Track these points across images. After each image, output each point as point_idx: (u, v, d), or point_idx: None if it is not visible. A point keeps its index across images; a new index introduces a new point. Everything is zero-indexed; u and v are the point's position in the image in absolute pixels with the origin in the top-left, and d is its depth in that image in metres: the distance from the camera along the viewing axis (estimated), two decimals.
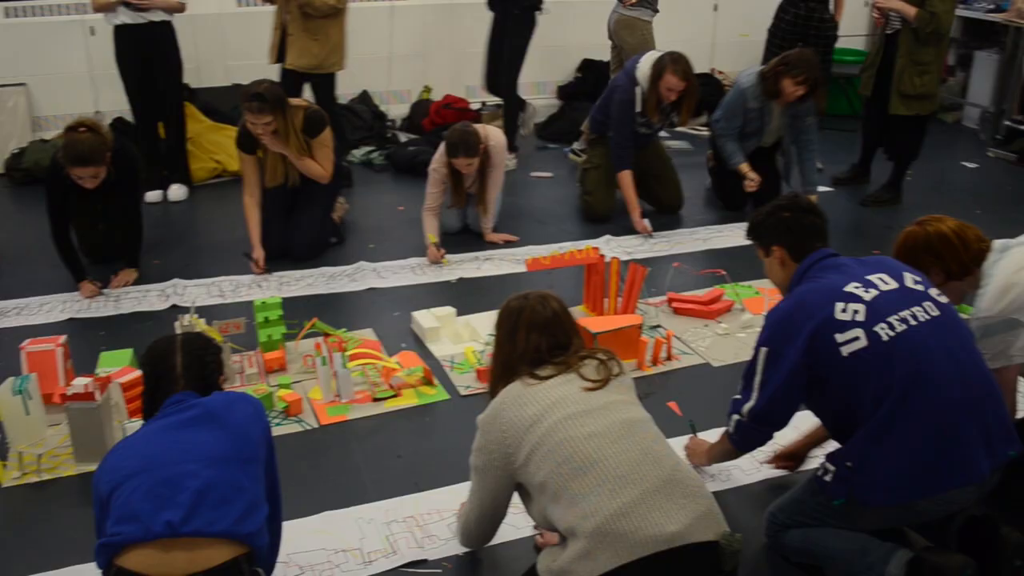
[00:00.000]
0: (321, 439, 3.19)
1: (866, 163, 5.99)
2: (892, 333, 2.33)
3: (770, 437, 2.61)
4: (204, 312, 3.91)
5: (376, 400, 3.39)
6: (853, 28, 7.92)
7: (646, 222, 5.00)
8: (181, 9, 5.23)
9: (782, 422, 2.54)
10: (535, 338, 2.31)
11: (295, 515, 2.72)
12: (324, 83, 5.51)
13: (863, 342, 2.32)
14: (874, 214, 5.47)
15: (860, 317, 2.35)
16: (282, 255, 4.58)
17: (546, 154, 6.64)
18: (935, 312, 2.40)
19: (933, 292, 2.47)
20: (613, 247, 4.85)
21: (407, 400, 3.40)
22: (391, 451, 3.12)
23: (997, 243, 2.79)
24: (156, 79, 5.27)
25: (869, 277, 2.44)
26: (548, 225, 5.21)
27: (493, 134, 4.78)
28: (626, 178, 5.03)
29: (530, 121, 6.55)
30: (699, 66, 7.44)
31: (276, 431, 3.15)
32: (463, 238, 4.95)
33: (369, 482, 2.95)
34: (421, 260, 4.65)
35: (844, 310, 2.36)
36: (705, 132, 6.01)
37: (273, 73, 5.26)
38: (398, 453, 3.11)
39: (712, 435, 2.88)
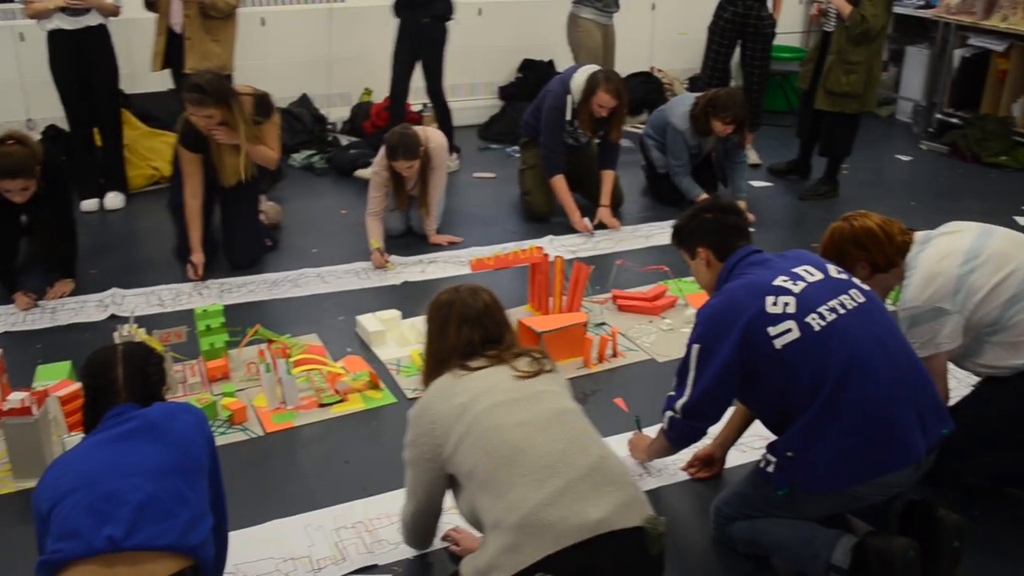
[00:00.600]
0: (267, 447, 3.16)
1: (806, 157, 6.10)
2: (823, 323, 2.37)
3: (704, 433, 2.65)
4: (144, 322, 3.84)
5: (322, 406, 3.37)
6: (790, 25, 8.05)
7: (586, 221, 5.03)
8: (116, 12, 5.14)
9: (714, 417, 2.59)
10: (467, 331, 2.31)
11: (242, 524, 2.70)
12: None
13: (796, 334, 2.36)
14: (812, 207, 5.56)
15: (791, 309, 2.39)
16: (214, 262, 4.49)
17: (488, 155, 6.64)
18: (860, 299, 2.45)
19: (856, 280, 2.53)
20: (556, 246, 4.87)
21: (353, 405, 3.38)
22: (338, 457, 3.10)
23: (919, 235, 2.86)
24: (91, 85, 5.16)
25: (795, 270, 2.48)
26: (492, 226, 5.21)
27: (433, 136, 4.77)
28: (559, 183, 5.07)
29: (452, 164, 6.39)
30: (638, 65, 7.58)
31: (221, 440, 3.12)
32: (407, 240, 4.94)
33: (317, 489, 2.93)
34: (365, 264, 4.62)
35: (775, 303, 2.40)
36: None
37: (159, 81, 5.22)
38: (346, 458, 3.09)
39: (657, 430, 2.90)
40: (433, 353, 2.37)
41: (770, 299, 2.41)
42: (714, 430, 3.09)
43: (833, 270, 2.52)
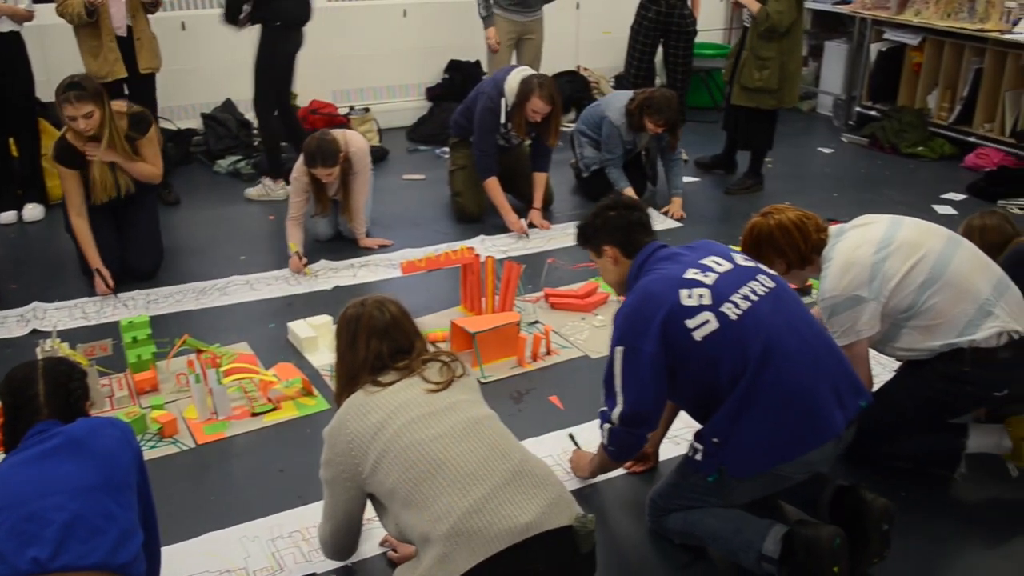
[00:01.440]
0: (199, 459, 3.11)
1: (731, 152, 6.20)
2: (739, 311, 2.41)
3: (645, 440, 2.63)
4: (67, 336, 3.76)
5: (255, 415, 3.32)
6: (712, 22, 8.18)
7: (522, 222, 5.04)
8: (29, 18, 5.00)
9: (655, 418, 2.57)
10: (375, 344, 2.30)
11: (177, 539, 2.66)
12: (152, 82, 5.36)
13: (714, 324, 2.40)
14: (738, 201, 5.65)
15: (706, 301, 2.42)
16: (121, 274, 4.36)
17: (417, 156, 6.62)
18: (770, 284, 2.51)
19: (762, 266, 2.59)
20: (488, 246, 4.87)
21: (287, 413, 3.34)
22: (273, 465, 3.06)
23: (833, 229, 2.94)
24: (6, 93, 5.02)
25: (703, 261, 2.52)
26: (422, 227, 5.20)
27: (354, 140, 4.71)
28: (493, 185, 5.08)
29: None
30: (564, 64, 7.62)
31: (151, 454, 3.07)
32: (337, 245, 4.90)
33: (252, 499, 2.89)
34: (314, 266, 4.58)
35: (690, 296, 2.43)
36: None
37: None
38: (280, 467, 3.05)
39: (594, 426, 2.91)
40: (344, 369, 2.35)
41: (684, 292, 2.44)
42: None
43: (740, 258, 2.58)
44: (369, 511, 2.36)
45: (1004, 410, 3.07)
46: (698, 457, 2.49)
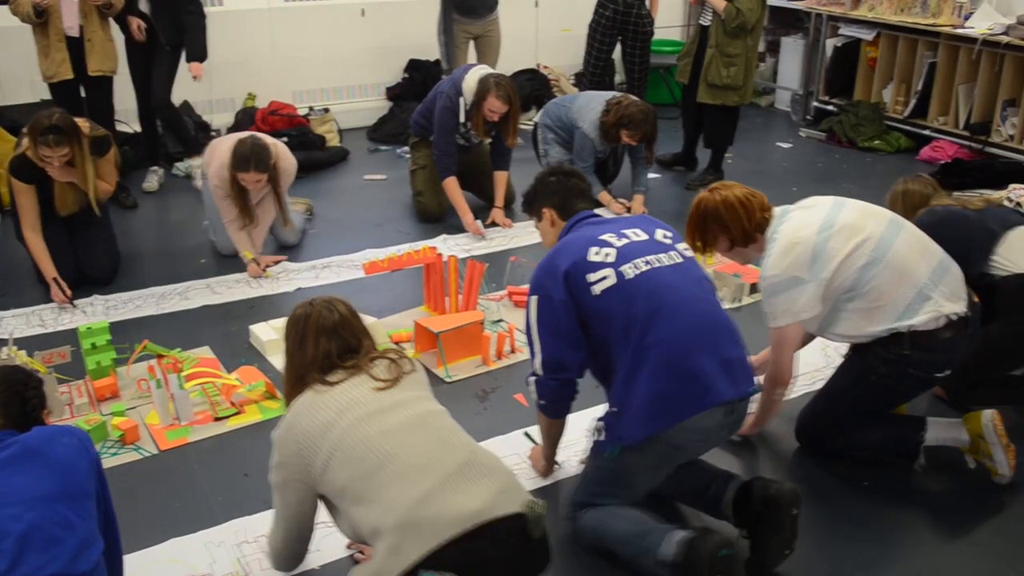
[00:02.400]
0: (162, 465, 3.08)
1: (691, 149, 6.24)
2: (636, 272, 2.51)
3: (570, 386, 2.65)
4: (25, 343, 3.71)
5: (218, 419, 3.30)
6: (669, 20, 8.22)
7: (478, 223, 5.03)
8: None
9: (574, 364, 2.60)
10: (324, 343, 2.30)
11: (140, 546, 2.63)
12: (109, 85, 5.31)
13: (611, 280, 2.50)
14: None
15: (610, 259, 2.53)
16: (79, 281, 4.30)
17: (378, 156, 6.60)
18: (678, 260, 2.60)
19: (680, 246, 2.67)
20: (451, 245, 4.87)
21: (250, 416, 3.32)
22: (238, 470, 3.04)
23: (777, 210, 2.99)
24: None
25: (623, 230, 2.64)
26: (384, 227, 5.18)
27: (284, 154, 4.50)
28: (452, 184, 5.06)
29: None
30: (524, 62, 7.63)
31: (113, 461, 3.04)
32: (299, 247, 4.87)
33: (216, 504, 2.86)
34: (268, 271, 4.54)
35: (597, 253, 2.55)
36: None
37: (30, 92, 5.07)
38: (245, 471, 3.03)
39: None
40: (293, 369, 2.34)
41: (593, 249, 2.56)
42: None
43: (660, 234, 2.67)
44: (324, 515, 2.35)
45: (963, 398, 3.13)
46: (600, 436, 2.53)
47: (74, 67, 5.02)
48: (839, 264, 2.78)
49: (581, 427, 2.89)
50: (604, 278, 2.50)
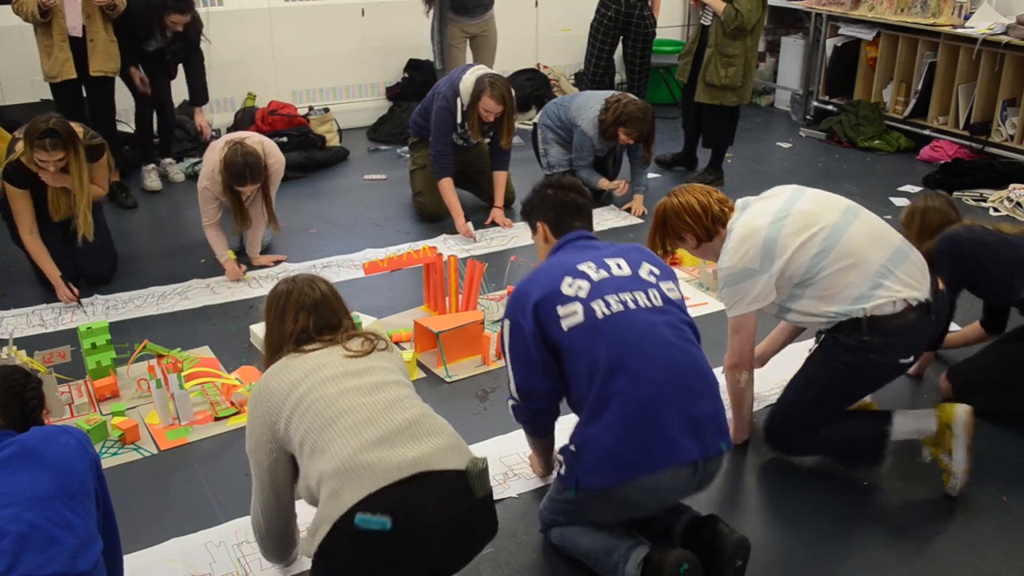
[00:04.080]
0: (162, 465, 3.08)
1: (691, 149, 6.24)
2: (607, 312, 2.40)
3: (544, 414, 2.62)
4: (25, 343, 3.71)
5: (218, 419, 3.30)
6: (670, 20, 8.22)
7: (469, 226, 5.02)
8: None
9: (545, 395, 2.54)
10: (303, 318, 2.34)
11: (140, 545, 2.63)
12: (111, 85, 5.33)
13: (580, 317, 2.40)
14: None
15: (583, 294, 2.43)
16: (78, 281, 4.28)
17: (378, 156, 6.60)
18: (658, 302, 2.47)
19: (665, 286, 2.53)
20: (451, 245, 4.87)
21: None
22: (238, 470, 3.03)
23: (739, 202, 3.02)
24: None
25: (606, 260, 2.52)
26: (384, 227, 5.18)
27: (272, 151, 4.46)
28: (447, 186, 5.05)
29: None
30: (524, 62, 7.63)
31: (113, 461, 3.04)
32: (298, 247, 4.87)
33: (216, 504, 2.87)
34: (256, 272, 4.54)
35: (571, 285, 2.44)
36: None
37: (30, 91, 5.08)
38: (245, 471, 3.00)
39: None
40: (271, 342, 2.38)
41: (568, 280, 2.45)
42: None
43: (645, 270, 2.53)
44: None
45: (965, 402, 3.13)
46: (562, 471, 2.45)
47: (76, 67, 5.03)
48: (791, 255, 2.81)
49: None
50: (573, 313, 2.40)
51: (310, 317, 2.34)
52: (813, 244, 2.81)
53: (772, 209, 2.90)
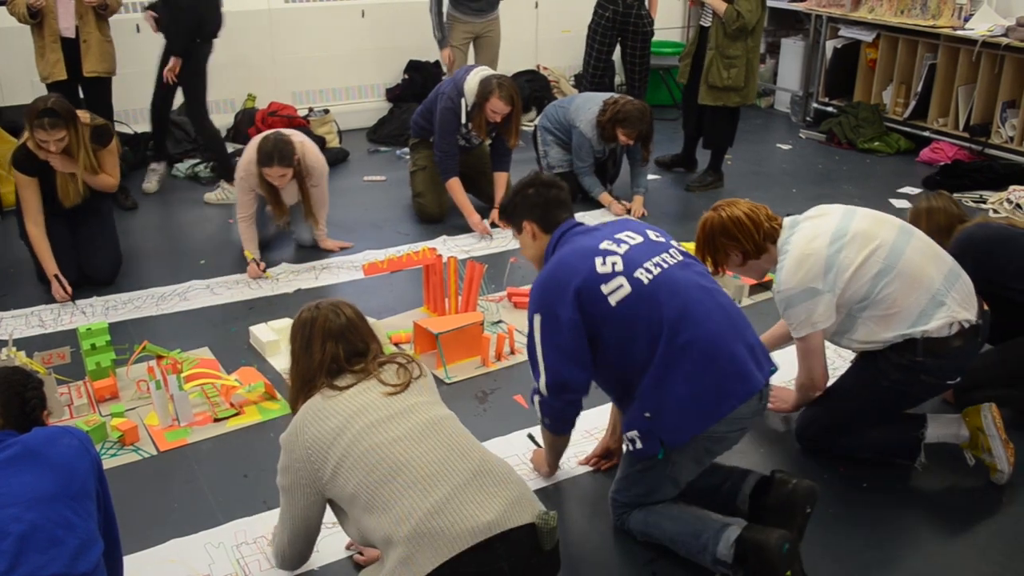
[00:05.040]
0: (162, 466, 3.08)
1: (690, 150, 6.25)
2: (651, 276, 2.47)
3: (576, 406, 2.64)
4: (24, 344, 3.71)
5: (217, 420, 3.30)
6: (669, 21, 8.22)
7: (485, 222, 5.03)
8: None
9: (579, 385, 2.57)
10: (331, 347, 2.29)
11: (140, 547, 2.63)
12: (107, 86, 5.33)
13: (627, 288, 2.45)
14: (699, 198, 5.69)
15: (619, 267, 2.48)
16: (80, 280, 4.30)
17: (378, 157, 6.60)
18: (679, 257, 2.58)
19: (674, 243, 2.65)
20: (450, 247, 4.87)
21: (250, 417, 3.32)
22: (237, 471, 3.03)
23: (787, 220, 2.99)
24: None
25: (617, 236, 2.59)
26: (383, 229, 5.18)
27: (311, 152, 4.53)
28: (455, 185, 5.06)
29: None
30: (524, 63, 7.63)
31: (112, 462, 3.04)
32: (298, 248, 4.87)
33: (216, 505, 2.86)
34: (272, 269, 4.54)
35: (604, 263, 2.49)
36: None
37: (30, 92, 5.02)
38: (244, 472, 3.03)
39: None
40: (300, 373, 2.33)
41: (599, 259, 2.50)
42: (602, 422, 3.15)
43: (652, 234, 2.63)
44: (328, 516, 2.35)
45: (966, 399, 3.13)
46: (638, 445, 2.50)
47: (69, 68, 5.03)
48: (852, 274, 2.79)
49: (581, 428, 2.89)
50: (619, 287, 2.45)
51: (338, 345, 2.29)
52: (874, 263, 2.80)
53: (829, 228, 2.87)
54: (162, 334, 3.89)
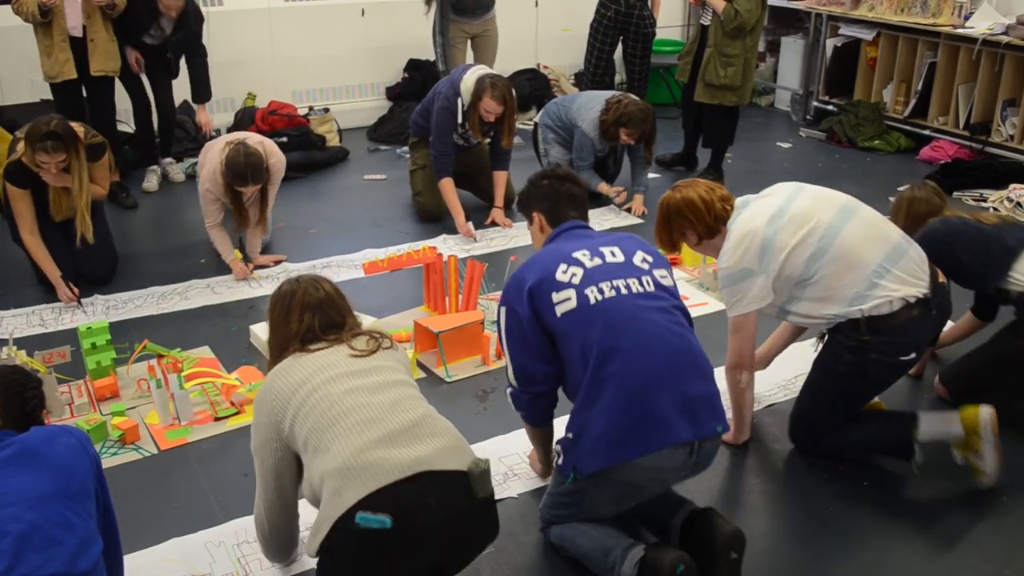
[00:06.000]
0: (162, 464, 3.08)
1: (691, 149, 6.24)
2: (600, 297, 2.42)
3: (546, 398, 2.62)
4: (24, 343, 3.70)
5: (218, 419, 3.30)
6: (670, 20, 8.21)
7: (470, 226, 5.02)
8: None
9: (544, 379, 2.55)
10: (308, 318, 2.35)
11: (141, 545, 2.64)
12: (111, 85, 5.34)
13: (573, 303, 2.43)
14: None
15: (576, 280, 2.45)
16: (78, 281, 4.28)
17: (378, 156, 6.60)
18: (650, 288, 2.49)
19: (658, 273, 2.55)
20: (450, 245, 4.87)
21: (250, 416, 3.27)
22: (237, 470, 3.03)
23: (739, 200, 3.02)
24: None
25: (600, 248, 2.54)
26: (384, 227, 5.18)
27: (273, 151, 4.46)
28: (447, 185, 5.04)
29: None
30: (525, 61, 7.63)
31: (113, 461, 3.04)
32: (299, 247, 4.86)
33: (216, 504, 2.86)
34: (257, 272, 4.53)
35: (565, 272, 2.47)
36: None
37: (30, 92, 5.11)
38: (245, 471, 3.01)
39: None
40: (276, 342, 2.39)
41: (563, 267, 2.48)
42: None
43: (639, 258, 2.55)
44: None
45: (964, 401, 3.13)
46: (559, 461, 2.47)
47: (76, 67, 5.03)
48: (786, 255, 2.82)
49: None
50: (566, 299, 2.43)
51: (315, 316, 2.35)
52: (808, 245, 2.82)
53: (770, 209, 2.90)
54: (162, 333, 3.89)
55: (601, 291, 2.43)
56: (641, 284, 2.48)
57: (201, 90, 5.64)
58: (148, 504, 2.86)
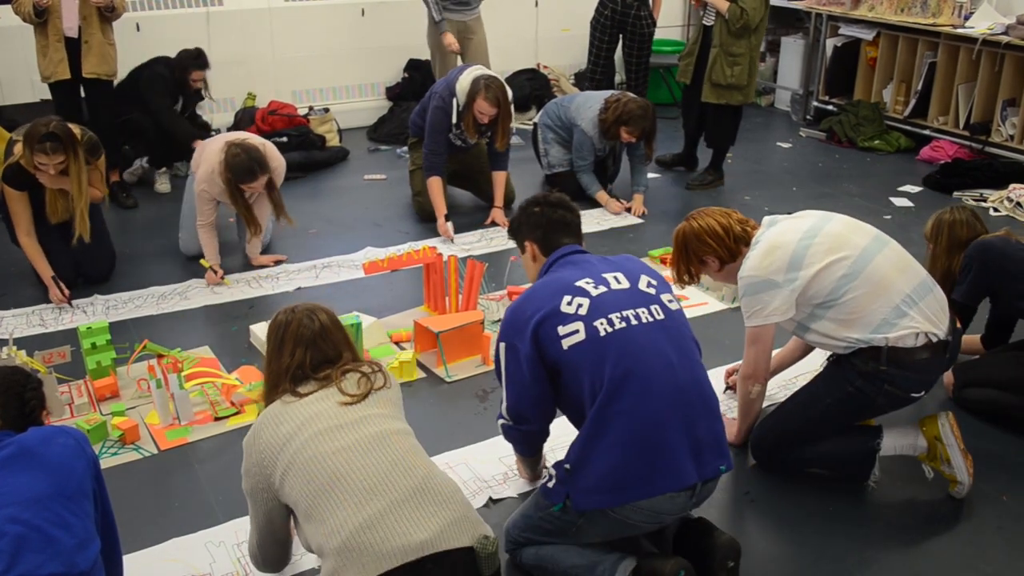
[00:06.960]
0: (162, 464, 3.08)
1: (691, 150, 6.24)
2: (610, 329, 2.34)
3: (537, 435, 2.61)
4: (25, 343, 3.71)
5: (218, 419, 3.30)
6: (670, 19, 8.21)
7: (449, 226, 4.98)
8: None
9: (538, 418, 2.53)
10: (300, 353, 2.27)
11: (141, 545, 2.64)
12: (110, 89, 5.35)
13: (581, 336, 2.34)
14: (699, 196, 5.68)
15: (583, 311, 2.36)
16: (77, 280, 4.31)
17: (378, 156, 6.60)
18: (660, 316, 2.42)
19: (664, 298, 2.48)
20: (450, 245, 4.86)
21: (250, 416, 3.31)
22: (237, 470, 2.96)
23: (768, 218, 2.98)
24: None
25: (604, 275, 2.46)
26: (384, 227, 5.18)
27: (273, 155, 4.44)
28: (434, 184, 5.01)
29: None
30: (525, 61, 7.63)
31: (113, 461, 3.04)
32: (299, 246, 4.87)
33: (216, 504, 2.87)
34: (255, 272, 4.54)
35: (570, 303, 2.38)
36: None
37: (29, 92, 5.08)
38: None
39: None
40: (270, 375, 2.33)
41: (567, 298, 2.39)
42: None
43: (644, 282, 2.49)
44: None
45: (965, 397, 3.13)
46: (550, 484, 2.41)
47: (72, 68, 5.02)
48: (815, 273, 2.77)
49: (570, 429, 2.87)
50: (575, 332, 2.34)
51: (307, 352, 2.27)
52: (840, 267, 2.77)
53: (802, 227, 2.87)
54: (162, 333, 3.90)
55: (611, 323, 2.35)
56: (651, 313, 2.41)
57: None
58: (148, 504, 2.86)
